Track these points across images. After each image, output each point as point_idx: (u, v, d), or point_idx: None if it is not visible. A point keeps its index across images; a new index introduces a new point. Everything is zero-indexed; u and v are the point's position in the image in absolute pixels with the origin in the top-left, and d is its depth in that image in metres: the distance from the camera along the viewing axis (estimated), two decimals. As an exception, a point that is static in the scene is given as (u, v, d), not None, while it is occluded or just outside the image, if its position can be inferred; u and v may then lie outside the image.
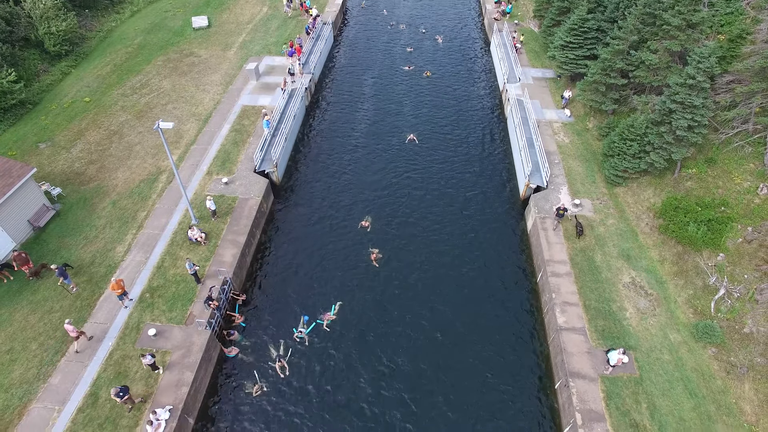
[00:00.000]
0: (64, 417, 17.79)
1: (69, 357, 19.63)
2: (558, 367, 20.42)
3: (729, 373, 18.99)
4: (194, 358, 19.77)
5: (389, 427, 19.17)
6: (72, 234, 24.80)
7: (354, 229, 27.38)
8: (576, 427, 17.83)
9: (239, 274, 24.30)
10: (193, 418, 19.14)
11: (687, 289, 21.81)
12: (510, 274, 25.11)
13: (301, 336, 21.90)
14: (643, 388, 18.68)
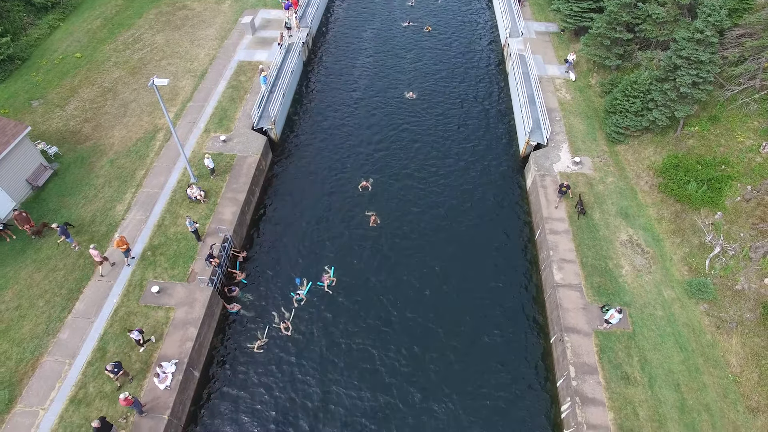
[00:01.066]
0: (74, 370, 18.39)
1: (76, 313, 20.07)
2: (554, 322, 20.94)
3: (718, 328, 19.52)
4: (197, 314, 20.22)
5: (392, 374, 19.88)
6: (71, 193, 24.79)
7: (353, 186, 27.37)
8: (569, 379, 18.48)
9: (239, 232, 24.49)
10: (198, 371, 19.78)
11: (683, 247, 22.08)
12: (509, 232, 25.32)
13: (300, 298, 22.28)
14: (635, 343, 19.24)
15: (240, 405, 19.17)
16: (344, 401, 19.26)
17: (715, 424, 17.17)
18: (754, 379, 18.00)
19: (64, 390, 17.84)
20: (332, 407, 19.10)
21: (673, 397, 17.78)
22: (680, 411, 17.44)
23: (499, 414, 18.89)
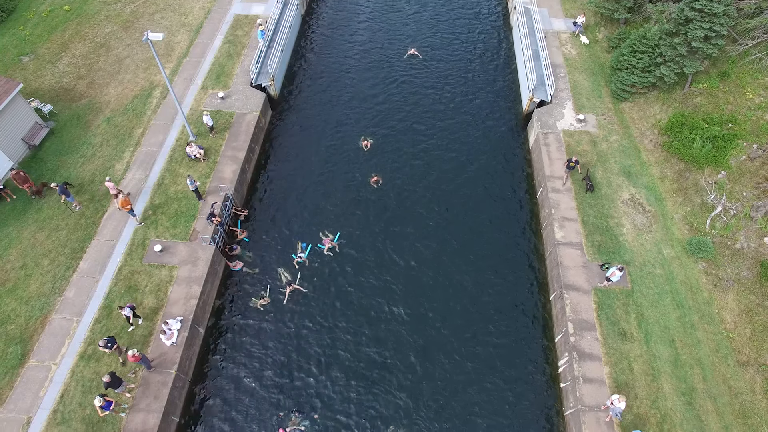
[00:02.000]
0: (82, 327, 18.76)
1: (80, 272, 20.26)
2: (553, 279, 21.21)
3: (715, 286, 19.80)
4: (200, 272, 20.43)
5: (395, 326, 20.40)
6: (69, 152, 24.50)
7: (354, 144, 27.07)
8: (567, 335, 18.90)
9: (240, 190, 24.40)
10: (203, 328, 20.20)
11: (685, 206, 22.08)
12: (510, 190, 25.27)
13: (301, 260, 22.38)
14: (633, 300, 19.56)
15: (245, 359, 19.70)
16: (348, 351, 19.81)
17: (706, 377, 17.70)
18: (747, 335, 18.42)
19: (74, 346, 18.27)
20: (335, 359, 19.66)
21: (668, 352, 18.25)
22: (673, 365, 17.94)
23: (498, 362, 19.48)
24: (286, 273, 21.95)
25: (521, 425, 18.13)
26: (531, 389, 18.98)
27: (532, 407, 18.57)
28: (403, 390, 18.91)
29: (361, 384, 19.09)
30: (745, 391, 17.36)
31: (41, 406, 16.94)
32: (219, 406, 18.67)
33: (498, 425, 18.11)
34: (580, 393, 17.46)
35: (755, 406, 17.01)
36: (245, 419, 18.33)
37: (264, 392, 18.92)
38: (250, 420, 18.31)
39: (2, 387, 17.33)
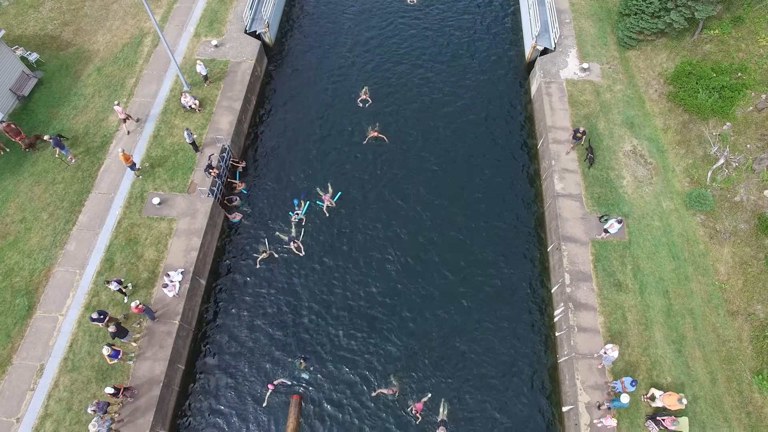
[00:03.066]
0: (85, 280, 19.02)
1: (80, 226, 20.31)
2: (552, 231, 21.35)
3: (712, 239, 19.96)
4: (200, 224, 20.49)
5: (396, 269, 20.81)
6: (60, 104, 23.91)
7: (353, 93, 26.42)
8: (564, 285, 19.23)
9: (237, 142, 24.07)
10: (204, 279, 20.50)
11: (687, 158, 21.88)
12: (510, 141, 24.96)
13: (299, 217, 22.32)
14: (630, 252, 19.76)
15: (246, 310, 20.13)
16: (348, 301, 20.27)
17: (697, 326, 18.18)
18: (739, 286, 18.76)
19: (78, 298, 18.60)
20: (336, 309, 20.11)
21: (661, 302, 18.64)
22: (666, 315, 18.38)
23: (494, 312, 19.97)
24: (289, 230, 21.99)
25: (515, 373, 18.78)
26: (526, 338, 19.53)
27: (526, 355, 19.17)
28: (402, 337, 19.46)
29: (362, 331, 19.62)
30: (732, 339, 17.89)
31: (52, 354, 17.48)
32: (222, 354, 19.25)
33: (492, 373, 18.76)
34: (575, 341, 17.98)
35: (741, 353, 17.59)
36: (246, 366, 18.95)
37: (265, 340, 19.47)
38: (250, 366, 18.93)
39: (14, 336, 17.81)
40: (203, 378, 18.81)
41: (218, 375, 18.82)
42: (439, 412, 17.83)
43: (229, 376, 18.76)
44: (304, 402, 18.26)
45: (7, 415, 16.48)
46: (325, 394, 18.43)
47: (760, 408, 16.56)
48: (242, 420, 17.97)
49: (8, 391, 16.84)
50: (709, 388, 16.99)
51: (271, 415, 18.06)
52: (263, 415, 18.05)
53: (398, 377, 18.59)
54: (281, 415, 17.99)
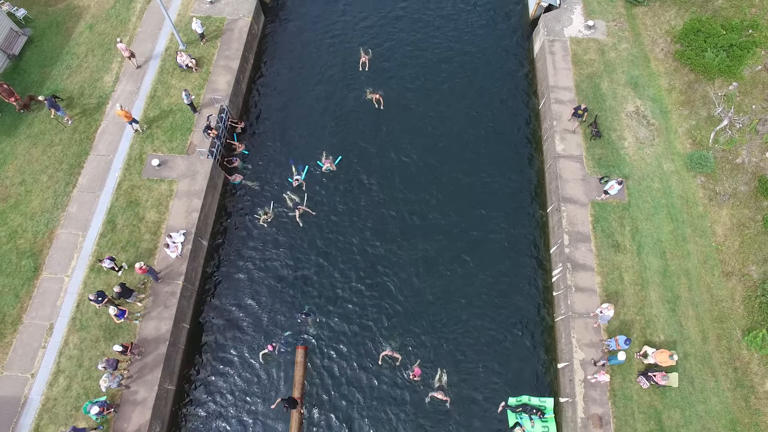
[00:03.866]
0: (88, 241, 19.20)
1: (80, 188, 20.31)
2: (552, 192, 21.39)
3: (711, 200, 20.04)
4: (200, 185, 20.50)
5: (397, 229, 21.17)
6: (52, 63, 23.36)
7: (353, 52, 25.80)
8: (562, 246, 19.46)
9: (235, 102, 23.73)
10: (206, 240, 20.71)
11: (690, 119, 21.65)
12: (512, 100, 24.64)
13: (299, 182, 22.13)
14: (629, 213, 19.88)
15: (248, 270, 20.43)
16: (352, 253, 20.71)
17: (692, 286, 18.53)
18: (735, 247, 18.99)
19: (83, 260, 18.83)
20: (341, 262, 20.49)
21: (658, 263, 18.92)
22: (662, 276, 18.69)
23: (492, 271, 20.32)
24: (293, 195, 21.90)
25: (512, 331, 19.28)
26: (524, 298, 19.93)
27: (524, 315, 19.63)
28: (404, 294, 19.87)
29: (365, 287, 20.02)
30: (725, 299, 18.27)
31: (60, 314, 17.88)
32: (225, 312, 19.70)
33: (490, 331, 19.25)
34: (572, 301, 18.37)
35: (732, 312, 18.01)
36: (251, 324, 19.43)
37: (267, 298, 19.88)
38: (254, 324, 19.43)
39: (22, 297, 18.17)
40: (208, 336, 19.32)
41: (222, 333, 19.32)
42: (437, 377, 18.34)
43: (233, 334, 19.27)
44: (310, 352, 18.84)
45: (22, 370, 17.04)
46: (329, 347, 19.00)
47: (747, 364, 17.13)
48: (248, 375, 18.60)
49: (21, 349, 17.34)
50: (699, 346, 17.50)
51: (278, 368, 18.68)
52: (270, 369, 18.66)
53: (400, 339, 19.06)
54: (288, 368, 18.58)
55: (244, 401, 18.21)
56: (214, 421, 17.94)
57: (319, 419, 17.95)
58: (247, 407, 18.13)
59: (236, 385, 18.45)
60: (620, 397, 16.73)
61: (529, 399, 17.78)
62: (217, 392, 18.36)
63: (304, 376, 18.35)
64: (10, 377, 16.93)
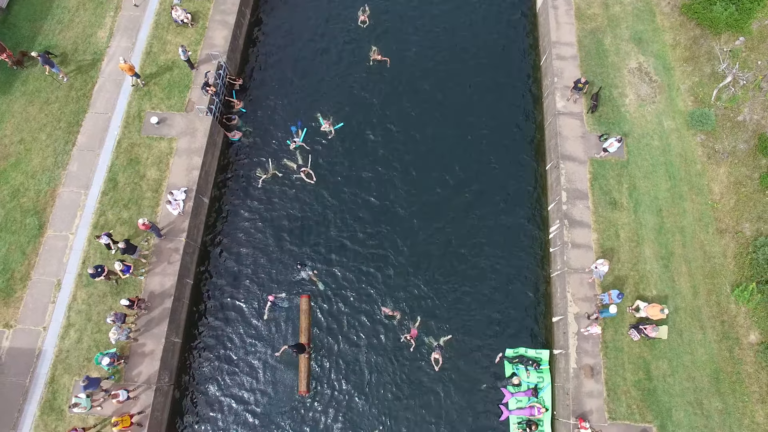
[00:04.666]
0: (91, 200, 19.39)
1: (80, 146, 20.31)
2: (551, 150, 21.42)
3: (710, 158, 20.10)
4: (200, 143, 20.49)
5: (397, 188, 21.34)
6: (42, 17, 22.77)
7: (352, 10, 25.13)
8: (560, 203, 19.68)
9: (233, 58, 23.35)
10: (207, 198, 20.91)
11: (693, 76, 21.39)
12: (513, 56, 24.29)
13: (297, 144, 22.01)
14: (627, 171, 19.99)
15: (249, 226, 20.73)
16: (353, 207, 20.97)
17: (686, 243, 18.87)
18: (730, 205, 19.22)
19: (86, 217, 19.07)
20: (342, 217, 20.81)
21: (654, 220, 19.19)
22: (657, 233, 19.00)
23: (491, 230, 20.64)
24: (297, 157, 21.82)
25: (509, 286, 19.77)
26: (522, 253, 20.33)
27: (520, 270, 20.07)
28: (405, 246, 20.31)
29: (366, 237, 20.45)
30: (717, 255, 18.66)
31: (67, 270, 18.30)
32: (228, 268, 20.12)
33: (489, 283, 19.74)
34: (567, 257, 18.75)
35: (723, 269, 18.44)
36: (253, 278, 19.89)
37: (269, 253, 20.26)
38: (257, 278, 19.90)
39: (29, 254, 18.53)
40: (212, 291, 19.82)
41: (226, 288, 19.80)
42: (434, 336, 18.86)
43: (237, 288, 19.76)
44: (315, 300, 19.49)
45: (34, 324, 17.63)
46: (334, 296, 19.62)
47: (734, 317, 17.71)
48: (253, 327, 19.22)
49: (32, 304, 17.87)
50: (690, 300, 18.02)
51: (282, 318, 19.31)
52: (275, 319, 19.27)
53: (400, 294, 19.54)
54: (292, 317, 19.22)
55: (250, 351, 18.91)
56: (222, 370, 18.69)
57: (325, 363, 18.69)
58: (254, 356, 18.84)
59: (242, 337, 19.10)
60: (611, 348, 17.38)
61: (526, 351, 18.44)
62: (223, 343, 19.03)
63: (309, 323, 19.01)
64: (23, 330, 17.53)
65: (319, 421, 18.00)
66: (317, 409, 18.16)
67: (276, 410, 18.16)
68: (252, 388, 18.48)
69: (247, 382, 18.54)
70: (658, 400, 16.72)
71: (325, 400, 18.25)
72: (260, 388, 18.48)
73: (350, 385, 18.40)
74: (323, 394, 18.34)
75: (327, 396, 18.31)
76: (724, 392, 16.82)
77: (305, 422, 18.01)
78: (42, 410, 16.51)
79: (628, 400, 16.76)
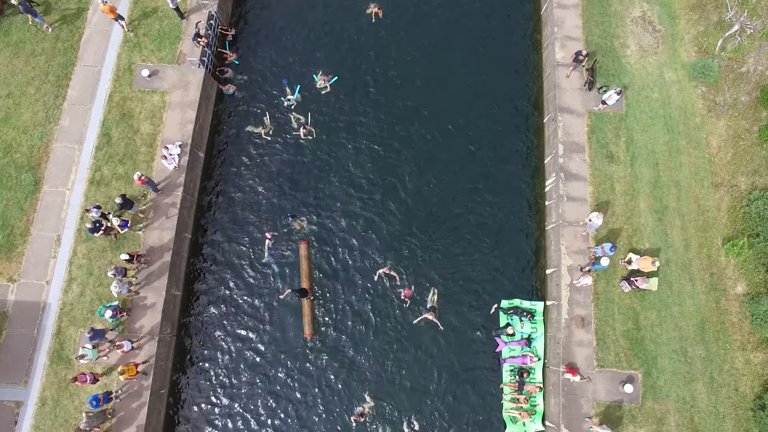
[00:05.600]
0: (85, 155, 19.25)
1: (71, 100, 19.92)
2: (549, 102, 21.13)
3: (710, 111, 19.85)
4: (193, 96, 20.13)
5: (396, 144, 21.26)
6: (24, -39, 21.76)
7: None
8: (557, 156, 19.61)
9: (224, 7, 22.56)
10: (202, 152, 20.77)
11: (698, 25, 20.77)
12: (512, 3, 23.59)
13: (290, 102, 21.48)
14: (625, 124, 19.79)
15: (246, 179, 20.71)
16: (352, 158, 20.98)
17: (681, 197, 18.96)
18: (727, 158, 19.19)
19: (81, 173, 19.01)
20: (339, 169, 20.82)
21: (650, 174, 19.19)
22: (653, 186, 19.05)
23: (486, 180, 20.70)
24: (293, 115, 21.43)
25: (504, 240, 20.02)
26: (516, 207, 20.46)
27: (515, 222, 20.27)
28: (402, 200, 20.43)
29: (364, 185, 20.58)
30: (711, 209, 18.80)
31: (66, 226, 18.44)
32: (225, 221, 20.26)
33: (485, 235, 19.99)
34: (563, 210, 18.88)
35: (716, 222, 18.64)
36: (251, 231, 20.07)
37: (267, 204, 20.34)
38: (255, 229, 20.09)
39: (27, 210, 18.61)
40: (210, 245, 20.05)
41: (224, 241, 20.02)
42: (429, 296, 19.20)
43: (236, 242, 19.98)
44: (318, 245, 19.84)
45: (37, 278, 17.95)
46: (332, 243, 19.98)
47: (723, 269, 18.08)
48: (254, 276, 19.57)
49: (33, 258, 18.12)
50: (681, 253, 18.32)
51: (282, 266, 19.67)
52: (275, 268, 19.64)
53: (395, 250, 19.78)
54: (292, 265, 19.59)
55: (252, 299, 19.34)
56: (224, 318, 19.16)
57: (330, 307, 19.23)
58: (256, 303, 19.29)
59: (242, 286, 19.46)
60: (602, 300, 17.84)
61: (521, 302, 18.90)
62: (224, 294, 19.42)
63: (310, 269, 19.38)
64: (27, 284, 17.87)
65: (324, 363, 18.66)
66: (322, 351, 18.80)
67: (281, 353, 18.77)
68: (256, 331, 19.00)
69: (250, 327, 19.05)
70: (645, 348, 17.34)
71: (330, 343, 18.85)
72: (264, 331, 19.01)
73: (353, 331, 18.95)
74: (329, 336, 18.93)
75: (332, 339, 18.89)
76: (708, 341, 17.43)
77: (311, 364, 18.66)
78: (51, 359, 17.10)
79: (617, 348, 17.37)
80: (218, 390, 18.48)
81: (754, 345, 17.25)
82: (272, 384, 18.49)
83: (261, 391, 18.44)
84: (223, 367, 18.71)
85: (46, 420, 16.61)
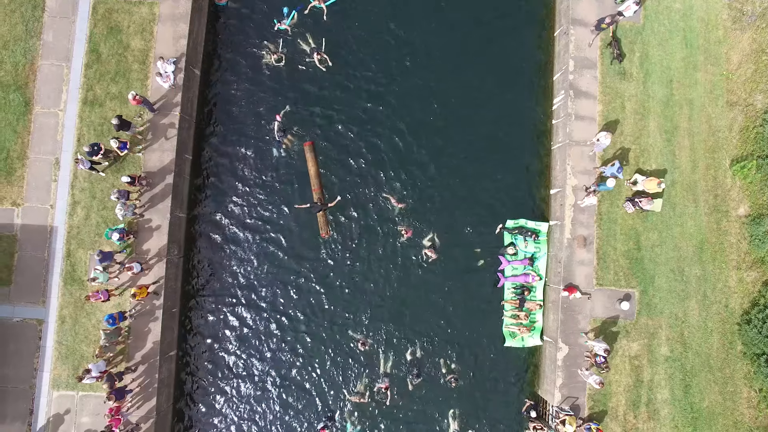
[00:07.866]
0: (74, 73, 18.33)
1: (51, 12, 18.51)
2: (561, 13, 19.87)
3: (735, 23, 18.68)
4: (184, 8, 18.74)
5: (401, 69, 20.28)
6: None
7: None
8: (567, 73, 18.78)
9: None
10: (198, 69, 19.81)
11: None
12: None
13: (282, 28, 19.90)
14: (641, 38, 18.73)
15: (247, 97, 19.95)
16: (355, 85, 20.17)
17: (692, 116, 18.45)
18: (747, 75, 18.43)
19: (73, 93, 18.22)
20: (345, 95, 20.05)
21: (663, 92, 18.51)
22: (664, 105, 18.46)
23: (492, 97, 20.04)
24: (310, 40, 20.00)
25: (509, 157, 19.75)
26: (523, 124, 19.99)
27: (521, 141, 19.91)
28: (407, 121, 19.93)
29: (366, 113, 19.99)
30: (723, 129, 18.38)
31: (63, 149, 18.04)
32: (226, 141, 19.81)
33: (490, 156, 19.72)
34: (570, 129, 18.43)
35: (726, 143, 18.32)
36: (253, 148, 19.73)
37: (268, 118, 19.73)
38: (259, 147, 19.72)
39: (20, 132, 18.09)
40: (211, 165, 19.79)
41: (226, 161, 19.71)
42: (429, 237, 19.30)
43: (238, 160, 19.67)
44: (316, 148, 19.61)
45: (41, 202, 17.91)
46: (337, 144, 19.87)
47: (727, 191, 18.09)
48: (258, 189, 19.60)
49: (34, 182, 17.94)
50: (687, 174, 18.19)
51: (289, 172, 19.66)
52: (280, 170, 19.68)
53: (403, 169, 19.57)
54: (300, 166, 19.55)
55: (261, 210, 19.51)
56: (233, 233, 19.47)
57: (341, 218, 19.55)
58: (265, 212, 19.52)
59: (250, 201, 19.50)
60: (606, 220, 18.01)
61: (526, 222, 19.09)
62: (230, 210, 19.50)
63: (318, 170, 19.31)
64: (31, 208, 17.86)
65: (340, 263, 19.36)
66: (338, 250, 19.39)
67: (296, 253, 19.38)
68: (266, 242, 19.47)
69: (259, 240, 19.47)
70: (644, 268, 17.81)
71: (345, 245, 19.40)
72: (277, 234, 19.47)
73: (365, 239, 19.46)
74: (344, 235, 19.40)
75: (347, 240, 19.41)
76: (705, 260, 17.87)
77: (328, 263, 19.38)
78: (65, 281, 17.56)
79: (616, 268, 17.85)
80: (228, 303, 19.26)
81: (749, 264, 17.74)
82: (284, 287, 19.33)
83: (270, 306, 19.28)
84: (236, 276, 19.32)
85: (67, 336, 17.42)
